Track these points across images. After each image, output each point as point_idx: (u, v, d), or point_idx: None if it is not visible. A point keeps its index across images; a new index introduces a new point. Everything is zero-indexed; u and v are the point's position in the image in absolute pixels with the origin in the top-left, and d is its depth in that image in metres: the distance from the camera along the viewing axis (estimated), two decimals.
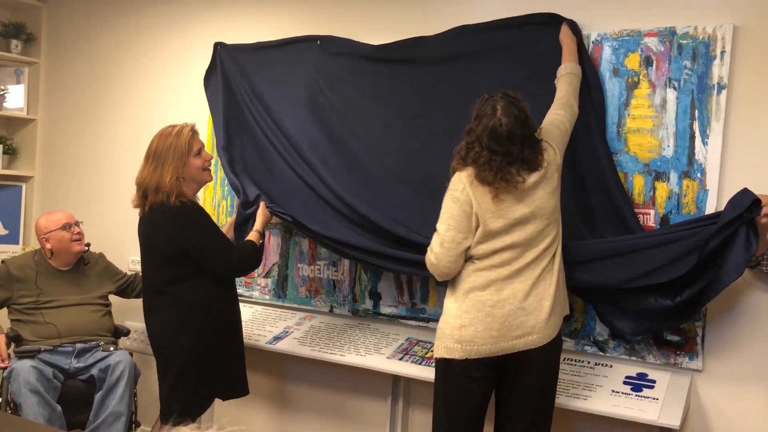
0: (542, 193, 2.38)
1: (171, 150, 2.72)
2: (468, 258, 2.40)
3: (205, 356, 2.76)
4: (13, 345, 3.31)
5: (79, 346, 3.31)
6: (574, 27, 2.80)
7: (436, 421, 2.47)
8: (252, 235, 2.90)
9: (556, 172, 2.45)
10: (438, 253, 2.38)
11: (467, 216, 2.36)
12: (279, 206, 3.04)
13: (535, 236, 2.36)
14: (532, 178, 2.37)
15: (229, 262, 2.77)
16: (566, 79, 2.67)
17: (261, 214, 2.98)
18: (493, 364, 2.37)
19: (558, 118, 2.56)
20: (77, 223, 3.51)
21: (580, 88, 2.71)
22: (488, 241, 2.36)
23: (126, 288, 3.65)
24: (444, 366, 2.40)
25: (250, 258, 2.86)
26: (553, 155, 2.45)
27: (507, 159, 2.33)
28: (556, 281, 2.39)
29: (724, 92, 2.60)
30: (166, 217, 2.69)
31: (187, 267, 2.73)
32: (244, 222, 3.05)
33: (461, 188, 2.37)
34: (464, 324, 2.34)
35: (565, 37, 2.77)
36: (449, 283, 2.47)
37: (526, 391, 2.40)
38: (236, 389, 2.94)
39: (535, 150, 2.39)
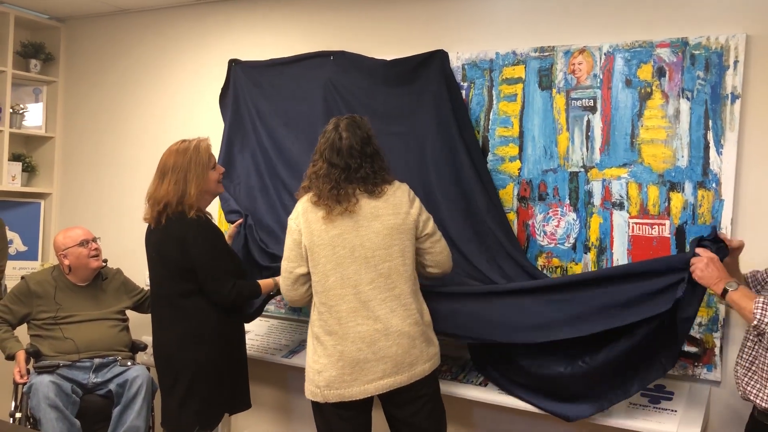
0: (379, 227, 2.39)
1: (193, 164, 2.74)
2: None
3: (215, 370, 2.76)
4: (32, 360, 3.34)
5: (97, 361, 3.34)
6: (444, 57, 3.00)
7: None
8: (267, 283, 2.86)
9: (412, 229, 2.44)
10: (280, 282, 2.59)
11: (297, 245, 2.45)
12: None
13: (374, 265, 2.39)
14: (370, 202, 2.40)
15: (226, 291, 2.72)
16: None
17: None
18: None
19: (437, 235, 2.54)
20: (95, 240, 3.54)
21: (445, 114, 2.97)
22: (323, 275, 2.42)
23: (143, 303, 3.68)
24: None
25: (246, 299, 2.84)
26: (417, 209, 2.47)
27: (345, 174, 2.40)
28: (410, 306, 2.44)
29: (738, 102, 2.60)
30: (184, 229, 2.69)
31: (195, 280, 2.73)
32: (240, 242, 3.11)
33: (294, 217, 2.48)
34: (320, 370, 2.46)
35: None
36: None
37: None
38: (242, 403, 2.95)
39: (377, 172, 2.43)
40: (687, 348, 2.67)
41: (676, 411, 2.51)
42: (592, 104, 2.87)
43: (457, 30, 3.19)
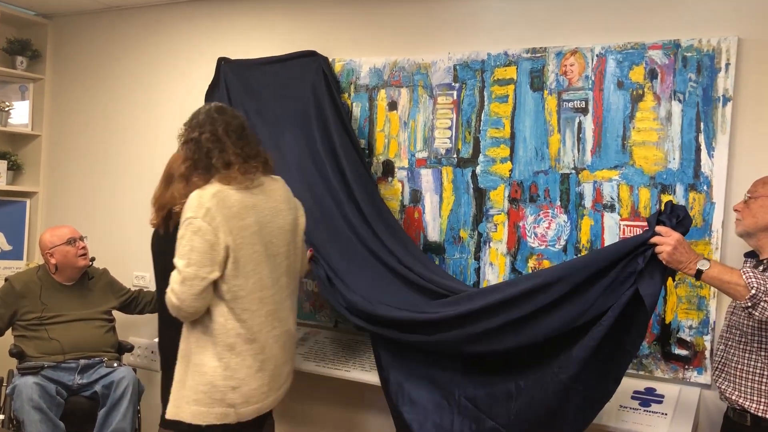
0: (282, 223, 2.33)
1: None
2: None
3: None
4: (16, 361, 3.29)
5: (82, 362, 3.30)
6: (326, 62, 3.23)
7: None
8: None
9: (302, 226, 2.47)
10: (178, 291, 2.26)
11: (211, 247, 2.14)
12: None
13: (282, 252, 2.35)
14: (271, 195, 2.30)
15: None
16: None
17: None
18: None
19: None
20: (82, 238, 3.50)
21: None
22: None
23: (130, 303, 3.64)
24: None
25: None
26: (297, 203, 2.47)
27: (241, 145, 2.23)
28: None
29: (729, 104, 2.60)
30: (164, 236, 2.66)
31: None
32: None
33: (202, 214, 2.12)
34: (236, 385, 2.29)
35: None
36: None
37: None
38: None
39: (262, 155, 2.32)
40: (677, 351, 2.67)
41: (666, 414, 2.50)
42: (584, 106, 2.86)
43: (448, 30, 3.18)
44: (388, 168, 3.28)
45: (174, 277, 2.17)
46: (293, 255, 2.38)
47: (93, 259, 3.56)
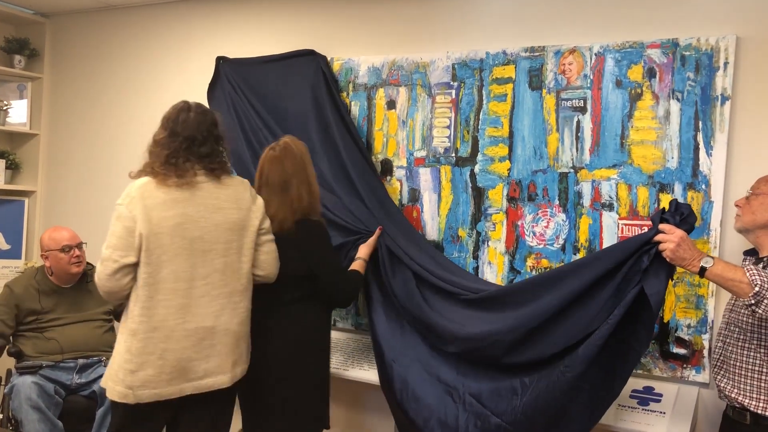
0: (221, 219, 2.33)
1: (309, 168, 2.69)
2: None
3: (324, 374, 2.68)
4: (15, 361, 3.29)
5: (81, 361, 3.29)
6: (325, 61, 3.30)
7: None
8: (361, 265, 2.78)
9: (254, 226, 2.41)
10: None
11: (129, 233, 2.24)
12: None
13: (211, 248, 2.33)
14: (209, 183, 2.32)
15: (351, 288, 2.71)
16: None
17: (373, 243, 2.86)
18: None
19: (271, 236, 2.50)
20: (80, 246, 3.44)
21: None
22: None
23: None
24: None
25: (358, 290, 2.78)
26: (251, 203, 2.42)
27: (186, 144, 2.29)
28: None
29: (727, 103, 2.60)
30: (307, 236, 2.58)
31: (309, 286, 2.60)
32: None
33: (127, 202, 2.28)
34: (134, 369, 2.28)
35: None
36: None
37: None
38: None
39: (220, 153, 2.38)
40: (676, 350, 2.67)
41: (664, 413, 2.50)
42: (582, 105, 2.86)
43: (447, 29, 3.18)
44: (387, 167, 3.28)
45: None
46: (235, 254, 2.36)
47: (91, 266, 3.52)
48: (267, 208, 2.51)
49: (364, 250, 2.82)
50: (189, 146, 2.30)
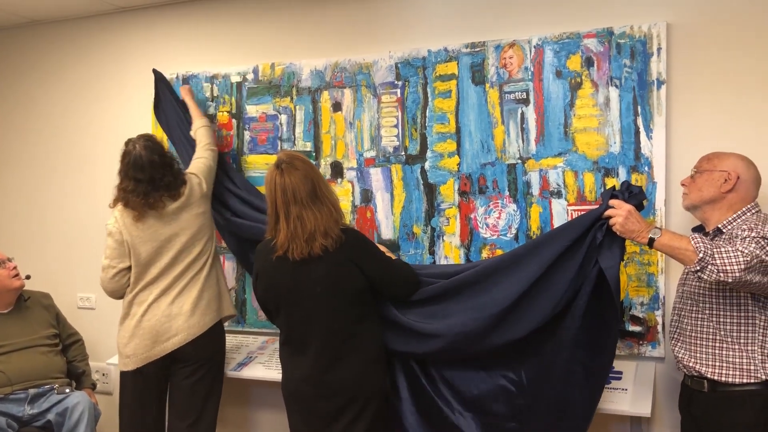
0: (187, 216, 2.91)
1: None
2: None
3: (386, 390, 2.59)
4: None
5: (32, 391, 3.16)
6: (157, 73, 3.42)
7: None
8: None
9: (204, 199, 3.00)
10: (101, 277, 2.94)
11: (120, 244, 2.87)
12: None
13: (179, 254, 2.87)
14: (175, 204, 2.87)
15: (413, 282, 2.63)
16: (202, 131, 3.23)
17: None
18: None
19: (202, 160, 3.10)
20: (9, 259, 3.34)
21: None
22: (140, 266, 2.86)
23: (70, 346, 3.50)
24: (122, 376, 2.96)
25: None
26: (198, 184, 2.98)
27: (152, 185, 2.80)
28: (201, 287, 2.90)
29: (663, 87, 2.70)
30: (350, 252, 2.47)
31: (372, 302, 2.54)
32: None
33: (113, 222, 2.88)
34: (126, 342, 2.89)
35: (185, 96, 3.40)
36: None
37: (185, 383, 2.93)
38: None
39: (177, 179, 2.89)
40: (631, 327, 2.76)
41: (626, 389, 2.58)
42: (525, 97, 2.93)
43: (388, 29, 3.20)
44: (337, 169, 3.28)
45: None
46: (200, 243, 2.94)
47: (28, 277, 3.39)
48: (303, 225, 2.39)
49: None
50: (154, 185, 2.82)
